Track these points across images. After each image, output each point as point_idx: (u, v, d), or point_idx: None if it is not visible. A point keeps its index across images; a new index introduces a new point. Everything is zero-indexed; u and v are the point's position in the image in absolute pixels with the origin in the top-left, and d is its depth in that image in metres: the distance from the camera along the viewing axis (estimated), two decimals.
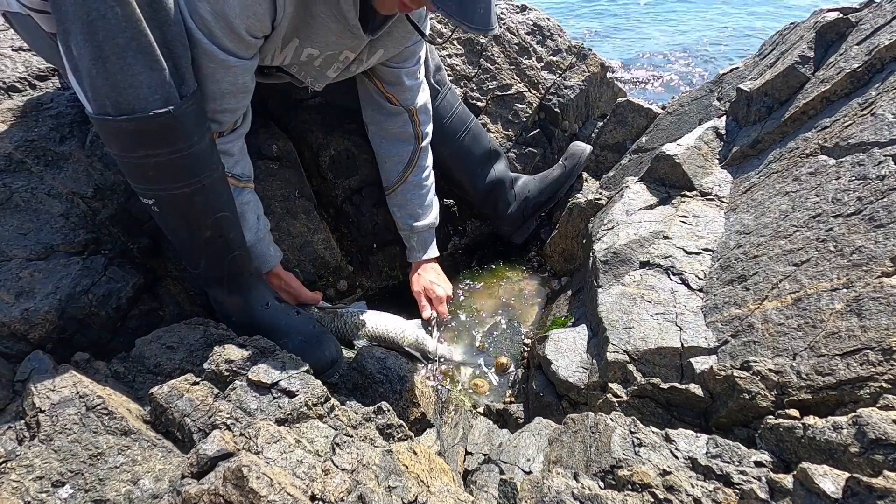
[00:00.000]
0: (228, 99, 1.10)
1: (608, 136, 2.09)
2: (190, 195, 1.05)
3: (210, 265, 1.17)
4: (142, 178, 1.03)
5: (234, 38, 1.02)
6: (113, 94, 0.91)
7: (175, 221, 1.11)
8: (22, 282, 1.11)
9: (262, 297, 1.24)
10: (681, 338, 1.07)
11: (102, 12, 0.85)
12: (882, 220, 0.95)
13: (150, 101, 0.92)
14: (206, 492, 0.69)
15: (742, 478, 0.76)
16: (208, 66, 1.03)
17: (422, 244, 1.60)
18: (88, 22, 0.86)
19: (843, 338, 0.85)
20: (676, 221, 1.35)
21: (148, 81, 0.91)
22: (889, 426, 0.69)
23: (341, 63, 1.29)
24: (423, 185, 1.56)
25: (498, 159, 1.77)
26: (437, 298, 1.54)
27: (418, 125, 1.51)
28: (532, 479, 0.84)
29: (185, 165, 1.02)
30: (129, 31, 0.88)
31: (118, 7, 0.86)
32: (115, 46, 0.88)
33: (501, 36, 2.06)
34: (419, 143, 1.53)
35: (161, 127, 0.96)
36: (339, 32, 1.16)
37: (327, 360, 1.19)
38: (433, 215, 1.59)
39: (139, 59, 0.90)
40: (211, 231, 1.12)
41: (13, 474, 0.76)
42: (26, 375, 0.97)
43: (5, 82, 1.38)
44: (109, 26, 0.86)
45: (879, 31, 1.28)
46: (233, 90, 1.09)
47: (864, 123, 1.13)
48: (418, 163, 1.54)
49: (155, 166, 1.00)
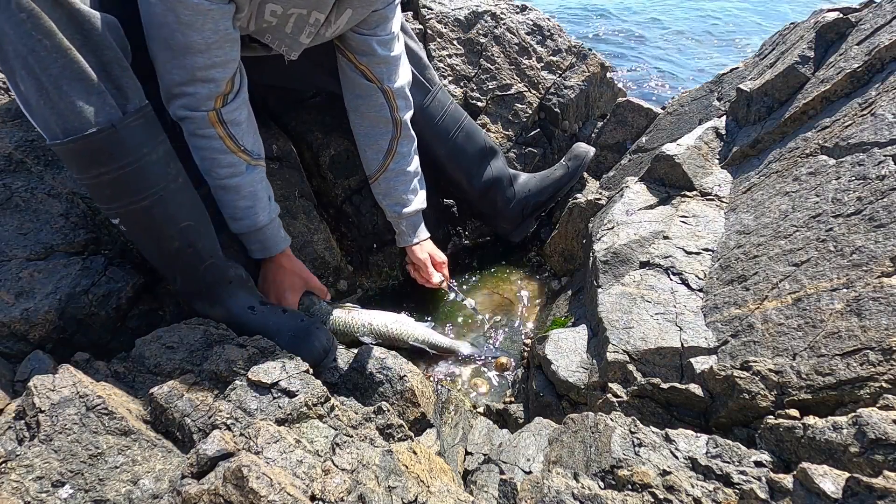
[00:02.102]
0: (215, 50, 1.09)
1: (608, 136, 2.09)
2: (149, 208, 1.06)
3: (185, 279, 1.17)
4: (102, 198, 1.05)
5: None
6: (60, 121, 0.94)
7: (142, 237, 1.12)
8: (22, 282, 1.11)
9: (246, 302, 1.22)
10: (681, 338, 1.07)
11: (32, 46, 0.89)
12: (882, 220, 0.95)
13: (93, 122, 0.95)
14: (206, 492, 0.69)
15: (742, 478, 0.76)
16: (185, 14, 1.02)
17: (411, 228, 1.59)
18: (23, 57, 0.90)
19: (843, 338, 0.85)
20: (676, 221, 1.35)
21: (87, 105, 0.94)
22: (889, 426, 0.69)
23: (312, 26, 1.25)
24: (405, 172, 1.54)
25: (494, 157, 1.75)
26: (441, 264, 1.58)
27: (395, 110, 1.47)
28: (532, 479, 0.84)
29: (137, 179, 1.03)
30: (60, 61, 0.91)
31: (46, 40, 0.89)
32: (50, 77, 0.91)
33: (501, 36, 2.06)
34: (397, 130, 1.49)
35: (106, 144, 0.98)
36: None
37: (320, 350, 1.19)
38: (420, 200, 1.58)
39: (74, 85, 0.93)
40: (178, 241, 1.11)
41: (13, 474, 0.76)
42: (26, 375, 0.97)
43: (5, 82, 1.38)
44: (41, 59, 0.90)
45: (879, 31, 1.28)
46: (217, 39, 1.08)
47: (864, 123, 1.13)
48: (397, 150, 1.51)
49: (109, 183, 1.02)
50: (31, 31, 0.88)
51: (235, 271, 1.24)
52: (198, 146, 1.19)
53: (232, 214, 1.26)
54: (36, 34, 0.89)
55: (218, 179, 1.21)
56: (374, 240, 1.73)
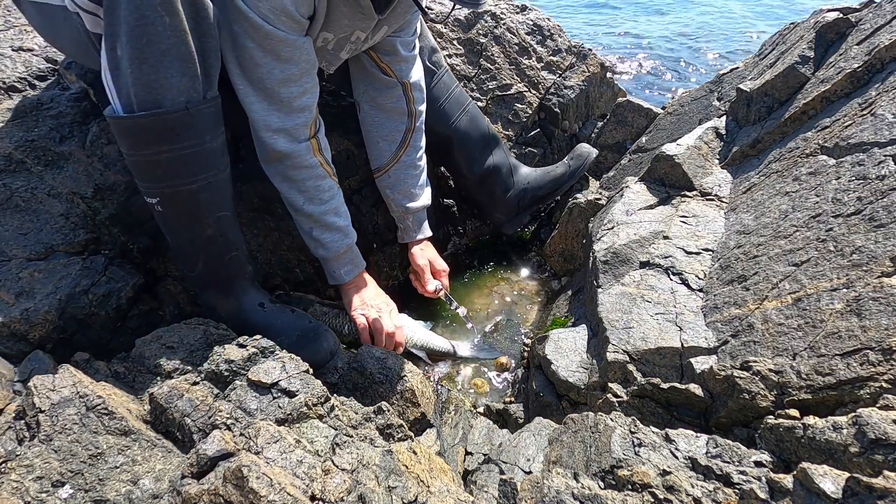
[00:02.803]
0: (306, 78, 1.19)
1: (608, 136, 2.09)
2: (196, 191, 1.09)
3: (208, 266, 1.19)
4: (150, 176, 1.07)
5: (295, 24, 1.12)
6: (142, 92, 0.97)
7: (178, 220, 1.13)
8: (22, 282, 1.11)
9: (257, 298, 1.25)
10: (681, 338, 1.07)
11: (152, 19, 0.93)
12: (882, 220, 0.95)
13: (176, 101, 1.00)
14: (206, 492, 0.69)
15: (742, 478, 0.76)
16: (286, 51, 1.12)
17: (417, 224, 1.60)
18: (137, 26, 0.93)
19: (843, 338, 0.85)
20: (676, 221, 1.35)
21: (178, 84, 0.99)
22: (889, 426, 0.69)
23: (353, 44, 1.33)
24: (416, 166, 1.55)
25: (497, 145, 1.75)
26: (441, 271, 1.57)
27: (412, 102, 1.50)
28: (532, 479, 0.84)
29: (195, 162, 1.07)
30: (173, 39, 0.96)
31: (168, 17, 0.94)
32: (157, 51, 0.95)
33: (501, 36, 2.06)
34: (413, 121, 1.51)
35: (177, 123, 1.02)
36: (350, 15, 1.22)
37: (325, 352, 1.20)
38: (427, 196, 1.58)
39: (175, 64, 0.98)
40: (213, 229, 1.14)
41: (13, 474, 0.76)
42: (26, 375, 0.97)
43: (5, 82, 1.38)
44: (156, 32, 0.94)
45: (879, 31, 1.28)
46: (308, 67, 1.19)
47: (864, 123, 1.13)
48: (412, 143, 1.53)
49: (166, 162, 1.05)
50: (159, 6, 0.93)
51: (252, 267, 1.27)
52: (300, 178, 1.24)
53: (331, 238, 1.31)
54: (162, 10, 0.93)
55: (321, 204, 1.27)
56: (375, 240, 1.73)
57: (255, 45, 1.10)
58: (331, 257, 1.33)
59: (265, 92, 1.15)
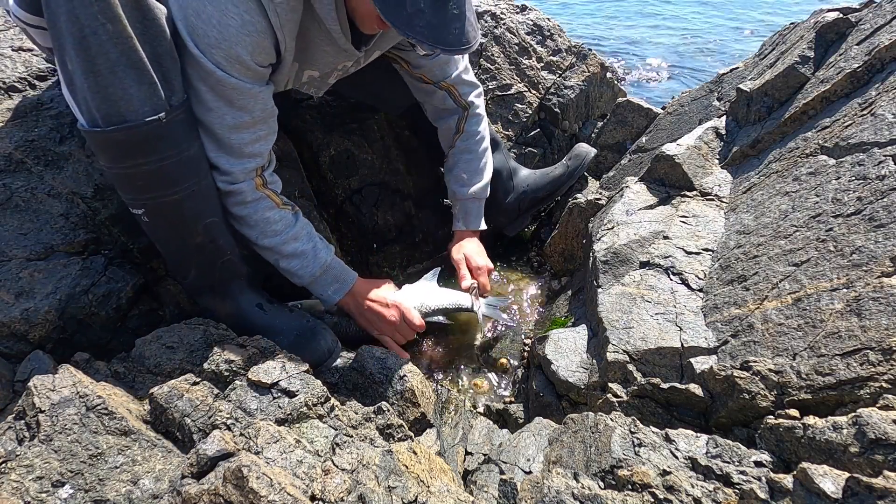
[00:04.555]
0: (261, 125, 1.14)
1: (608, 136, 2.09)
2: (180, 201, 1.07)
3: (200, 273, 1.18)
4: (131, 188, 1.05)
5: (251, 73, 1.07)
6: (104, 106, 0.94)
7: (165, 230, 1.12)
8: (22, 282, 1.11)
9: (254, 299, 1.24)
10: (681, 338, 1.07)
11: (94, 29, 0.89)
12: (882, 220, 0.95)
13: (140, 112, 0.96)
14: (206, 492, 0.69)
15: (742, 478, 0.76)
16: (239, 99, 1.07)
17: (463, 213, 1.60)
18: (81, 38, 0.89)
19: (843, 338, 0.85)
20: (676, 221, 1.35)
21: (138, 94, 0.95)
22: (889, 426, 0.69)
23: (339, 71, 1.33)
24: (470, 150, 1.58)
25: (496, 149, 1.76)
26: (478, 268, 1.54)
27: (459, 97, 1.52)
28: (532, 479, 0.84)
29: (175, 172, 1.04)
30: (120, 47, 0.91)
31: (109, 24, 0.90)
32: (107, 61, 0.91)
33: (501, 36, 2.07)
34: (465, 112, 1.55)
35: (150, 135, 0.98)
36: (333, 53, 1.21)
37: (324, 350, 1.20)
38: (479, 188, 1.59)
39: (129, 73, 0.93)
40: (202, 237, 1.13)
41: (13, 474, 0.76)
42: (26, 375, 0.97)
43: (5, 82, 1.38)
44: (101, 42, 0.90)
45: (879, 31, 1.28)
46: (263, 115, 1.14)
47: (864, 123, 1.13)
48: (465, 129, 1.56)
49: (145, 175, 1.02)
50: (98, 14, 0.88)
51: (247, 268, 1.26)
52: (244, 214, 1.19)
53: (298, 264, 1.25)
54: (102, 18, 0.88)
55: (275, 237, 1.21)
56: (375, 240, 1.73)
57: (208, 89, 1.05)
58: (308, 283, 1.28)
59: (214, 136, 1.11)
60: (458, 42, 1.02)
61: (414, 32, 0.98)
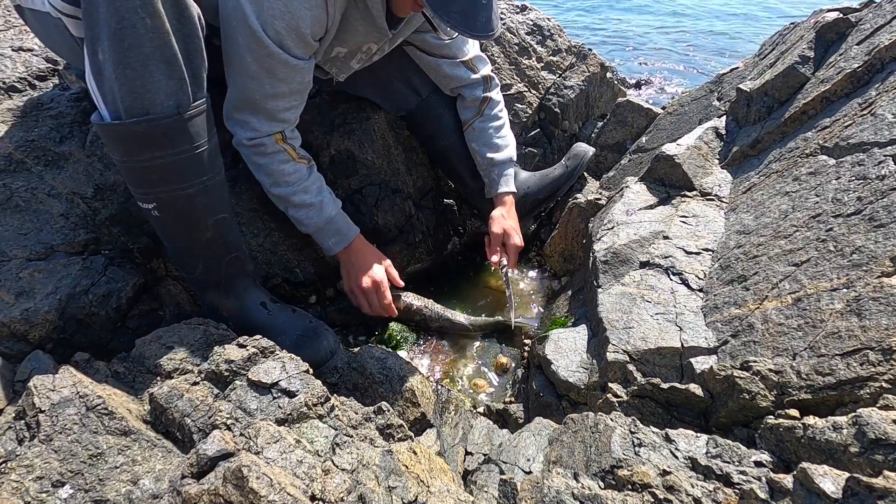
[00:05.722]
0: (295, 96, 1.24)
1: (608, 136, 2.09)
2: (192, 196, 1.08)
3: (207, 268, 1.19)
4: (145, 181, 1.06)
5: (304, 45, 1.15)
6: (129, 98, 0.95)
7: (175, 224, 1.13)
8: (22, 282, 1.11)
9: (258, 298, 1.25)
10: (681, 338, 1.07)
11: (133, 22, 0.90)
12: (882, 220, 0.95)
13: (164, 105, 0.98)
14: (206, 492, 0.69)
15: (742, 478, 0.76)
16: (281, 71, 1.15)
17: (500, 177, 1.63)
18: (119, 30, 0.90)
19: (843, 338, 0.85)
20: (676, 221, 1.35)
21: (165, 88, 0.97)
22: (889, 426, 0.69)
23: (364, 54, 1.37)
24: (498, 117, 1.63)
25: None
26: (514, 246, 1.58)
27: (476, 71, 1.58)
28: (532, 479, 0.84)
29: (190, 166, 1.06)
30: (156, 42, 0.93)
31: (149, 19, 0.91)
32: (140, 55, 0.93)
33: (501, 36, 2.06)
34: (487, 83, 1.61)
35: (170, 129, 1.00)
36: (365, 32, 1.27)
37: (325, 351, 1.20)
38: (510, 150, 1.64)
39: (161, 67, 0.95)
40: (211, 232, 1.14)
41: (13, 474, 0.76)
42: (26, 375, 0.97)
43: (5, 82, 1.38)
44: (137, 35, 0.91)
45: (879, 31, 1.28)
46: (300, 88, 1.23)
47: (864, 123, 1.13)
48: (492, 97, 1.61)
49: (160, 168, 1.03)
50: (139, 9, 0.90)
51: (253, 266, 1.29)
52: (263, 162, 1.27)
53: (305, 214, 1.33)
54: (142, 12, 0.90)
55: (287, 186, 1.30)
56: (375, 240, 1.72)
57: (253, 60, 1.11)
58: (312, 232, 1.37)
59: (250, 100, 1.17)
60: (485, 29, 1.09)
61: (448, 17, 1.06)
